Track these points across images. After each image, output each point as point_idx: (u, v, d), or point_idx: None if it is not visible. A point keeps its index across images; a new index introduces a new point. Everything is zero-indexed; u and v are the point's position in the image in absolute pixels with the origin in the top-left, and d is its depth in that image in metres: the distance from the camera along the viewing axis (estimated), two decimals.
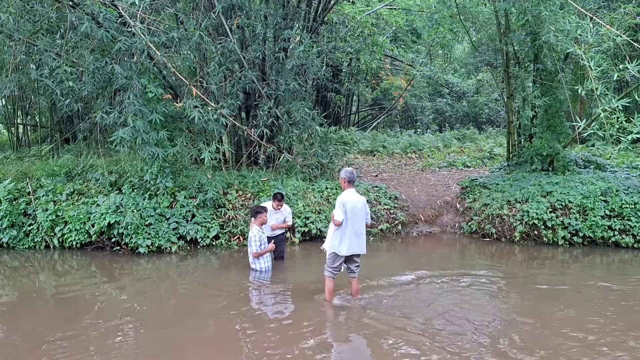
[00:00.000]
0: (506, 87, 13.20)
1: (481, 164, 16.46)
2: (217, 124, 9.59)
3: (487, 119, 26.57)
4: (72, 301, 7.27)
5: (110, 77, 9.66)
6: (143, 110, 9.27)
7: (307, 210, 10.70)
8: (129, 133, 9.16)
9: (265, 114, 11.30)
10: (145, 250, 9.53)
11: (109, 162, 11.58)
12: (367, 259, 9.40)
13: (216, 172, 11.14)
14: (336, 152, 13.38)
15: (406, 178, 14.01)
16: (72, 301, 7.27)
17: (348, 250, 6.72)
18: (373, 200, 11.59)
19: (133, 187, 10.40)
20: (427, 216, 11.88)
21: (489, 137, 21.91)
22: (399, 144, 19.70)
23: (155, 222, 9.81)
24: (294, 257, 9.55)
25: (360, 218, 6.73)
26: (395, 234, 11.34)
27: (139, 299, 7.32)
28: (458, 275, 8.17)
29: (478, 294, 7.30)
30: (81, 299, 7.30)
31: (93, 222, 9.88)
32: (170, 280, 8.25)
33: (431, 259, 9.58)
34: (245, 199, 10.78)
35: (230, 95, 10.97)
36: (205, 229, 10.09)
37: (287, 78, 11.63)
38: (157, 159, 9.81)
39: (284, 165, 12.05)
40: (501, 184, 11.79)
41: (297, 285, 7.67)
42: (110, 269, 8.98)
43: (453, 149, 19.31)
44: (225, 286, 7.84)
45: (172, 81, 11.19)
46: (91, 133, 13.45)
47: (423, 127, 26.13)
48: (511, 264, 9.25)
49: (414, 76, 23.57)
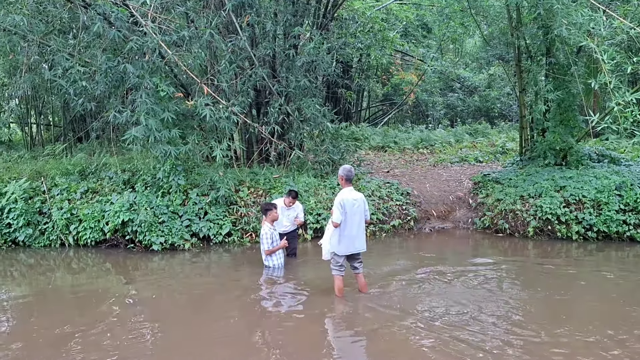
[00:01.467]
0: (518, 81, 13.12)
1: (493, 159, 16.38)
2: (228, 121, 9.63)
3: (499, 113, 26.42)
4: (87, 298, 7.37)
5: (123, 77, 9.73)
6: (155, 108, 9.34)
7: (319, 207, 10.73)
8: (142, 131, 9.24)
9: (276, 111, 11.33)
10: (159, 247, 9.61)
11: (122, 161, 11.67)
12: (378, 255, 9.43)
13: (228, 169, 11.19)
14: (347, 149, 13.38)
15: (418, 174, 13.99)
16: (87, 298, 7.36)
17: (347, 250, 6.74)
18: (385, 196, 11.59)
19: (146, 185, 10.48)
20: (440, 212, 11.86)
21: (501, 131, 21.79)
22: (410, 140, 19.64)
23: (168, 220, 9.89)
24: (306, 253, 9.59)
25: (360, 216, 6.74)
26: (407, 230, 11.33)
27: (152, 295, 7.40)
28: (471, 271, 8.17)
29: (491, 288, 7.29)
30: (96, 296, 7.39)
31: (107, 220, 9.98)
32: (183, 277, 8.32)
33: (443, 254, 9.57)
34: (257, 196, 10.83)
35: (241, 92, 11.01)
36: (217, 226, 10.15)
37: (297, 75, 11.64)
38: (169, 157, 9.89)
39: (295, 162, 12.07)
40: (514, 179, 11.74)
41: (309, 282, 7.71)
42: (124, 266, 9.07)
43: (465, 144, 19.23)
44: (238, 283, 7.90)
45: (184, 79, 11.26)
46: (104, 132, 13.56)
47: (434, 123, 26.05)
48: (525, 258, 9.22)
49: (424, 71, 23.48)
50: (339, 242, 6.71)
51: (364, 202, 6.85)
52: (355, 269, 6.98)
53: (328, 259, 6.98)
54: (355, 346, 5.69)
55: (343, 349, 5.60)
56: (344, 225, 6.66)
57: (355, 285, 7.15)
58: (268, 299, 7.20)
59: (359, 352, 5.59)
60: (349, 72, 20.96)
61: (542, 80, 12.15)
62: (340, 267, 6.83)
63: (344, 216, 6.61)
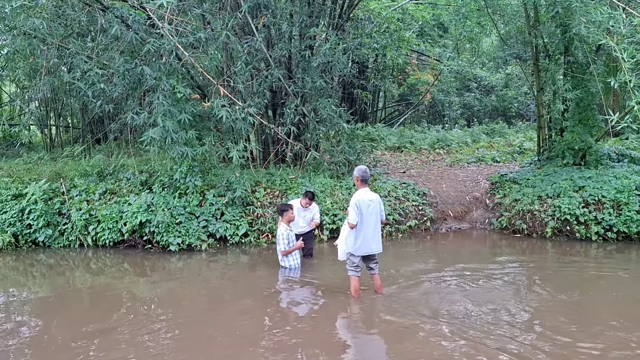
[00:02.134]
0: (536, 80, 13.00)
1: (511, 159, 16.25)
2: (245, 122, 9.66)
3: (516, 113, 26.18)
4: (105, 298, 7.45)
5: (140, 78, 9.81)
6: (172, 110, 9.41)
7: (335, 208, 10.72)
8: (159, 133, 9.31)
9: (292, 112, 11.35)
10: (176, 248, 9.68)
11: (140, 162, 11.77)
12: (394, 256, 9.39)
13: (244, 170, 11.23)
14: (363, 149, 13.35)
15: (434, 174, 13.93)
16: (106, 298, 7.44)
17: (363, 251, 6.74)
18: (401, 196, 11.56)
19: (163, 186, 10.56)
20: (456, 212, 11.80)
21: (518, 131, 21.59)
22: (426, 140, 19.55)
23: (185, 221, 9.95)
24: (322, 254, 9.59)
25: (375, 217, 6.73)
26: (423, 231, 11.29)
27: (170, 295, 7.46)
28: (488, 271, 8.11)
29: (508, 289, 7.24)
30: (114, 296, 7.47)
31: (125, 221, 10.08)
32: (200, 277, 8.37)
33: (460, 255, 9.52)
34: (273, 197, 10.86)
35: (257, 94, 11.04)
36: (234, 227, 10.19)
37: (313, 76, 11.65)
38: (186, 158, 9.95)
39: (311, 163, 12.08)
40: (532, 179, 11.64)
41: (326, 283, 7.72)
42: (142, 267, 9.15)
43: (482, 144, 19.10)
44: (254, 283, 7.93)
45: (200, 81, 11.32)
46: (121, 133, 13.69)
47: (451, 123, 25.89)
48: (544, 259, 9.13)
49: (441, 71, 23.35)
50: (355, 243, 6.71)
51: (379, 203, 6.84)
52: (371, 270, 6.98)
53: (344, 260, 6.98)
54: (373, 347, 5.68)
55: (360, 350, 5.60)
56: (359, 226, 6.65)
57: (371, 285, 7.14)
58: (285, 300, 7.21)
59: (377, 353, 5.57)
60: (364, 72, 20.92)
61: (560, 79, 12.02)
62: (357, 268, 6.82)
63: (360, 217, 6.61)
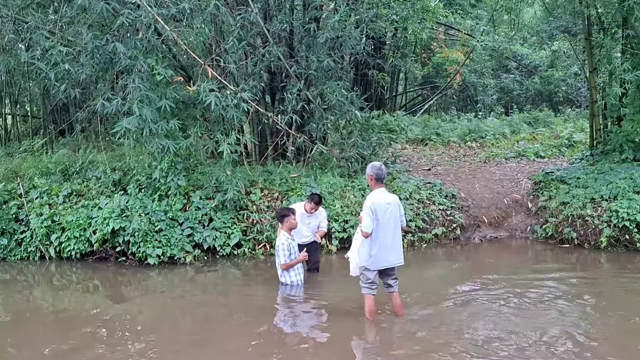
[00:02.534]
0: (588, 58, 12.91)
1: (558, 153, 16.17)
2: (237, 110, 9.65)
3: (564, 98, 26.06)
4: (71, 321, 7.45)
5: (112, 58, 9.81)
6: (150, 95, 9.41)
7: (346, 212, 10.70)
8: (134, 123, 9.31)
9: (294, 98, 11.33)
10: (156, 261, 9.69)
11: (112, 158, 11.79)
12: (417, 271, 9.36)
13: (237, 167, 11.22)
14: (380, 142, 13.32)
15: (465, 172, 13.88)
16: (72, 321, 7.45)
17: (379, 264, 6.70)
18: (425, 199, 11.53)
19: (140, 186, 10.57)
20: (492, 218, 11.75)
21: (567, 120, 21.49)
22: (456, 131, 19.48)
23: (166, 228, 9.96)
24: (330, 268, 9.57)
25: (394, 223, 6.70)
26: (452, 240, 11.25)
27: (147, 318, 7.46)
28: (529, 289, 8.06)
29: (555, 311, 7.19)
30: (82, 319, 7.47)
31: (94, 229, 10.08)
32: (184, 296, 8.37)
33: (496, 269, 9.46)
34: (271, 200, 10.85)
35: (253, 76, 11.04)
36: (225, 236, 10.19)
37: (319, 54, 11.62)
38: (167, 153, 9.95)
39: (317, 159, 12.06)
40: (583, 177, 11.57)
41: (334, 303, 7.69)
42: (115, 283, 9.16)
43: (523, 135, 19.02)
44: (249, 304, 7.92)
45: (184, 61, 11.34)
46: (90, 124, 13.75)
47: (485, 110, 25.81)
48: (597, 274, 9.08)
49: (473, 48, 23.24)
50: (369, 255, 6.68)
51: (399, 206, 6.81)
52: (389, 287, 6.95)
53: (357, 275, 6.95)
54: None
55: None
56: (375, 235, 6.62)
57: (389, 306, 7.12)
58: (285, 323, 7.20)
59: None
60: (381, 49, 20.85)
61: (618, 57, 11.95)
62: (372, 285, 6.80)
63: (376, 223, 6.58)
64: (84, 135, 13.96)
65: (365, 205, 6.64)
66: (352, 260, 6.94)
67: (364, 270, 6.78)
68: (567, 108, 24.58)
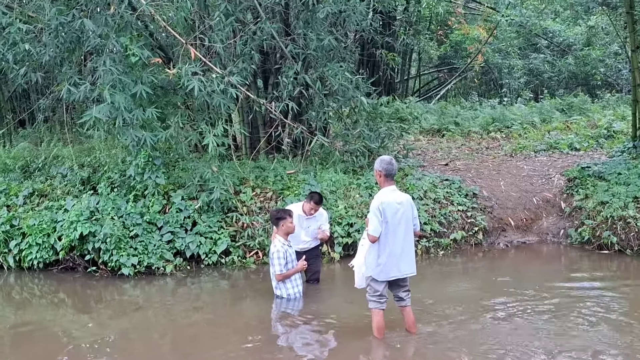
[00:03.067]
0: (630, 35, 12.90)
1: (595, 145, 16.16)
2: (225, 96, 9.64)
3: (603, 81, 26.05)
4: (33, 341, 7.43)
5: (79, 37, 9.80)
6: (124, 80, 9.39)
7: (350, 214, 10.70)
8: (106, 112, 9.30)
9: (290, 82, 11.31)
10: (131, 271, 9.67)
11: (80, 152, 11.77)
12: (433, 282, 9.35)
13: (224, 163, 11.22)
14: (389, 133, 13.30)
15: (488, 167, 13.88)
16: (33, 341, 7.43)
17: (389, 274, 6.68)
18: (442, 198, 11.52)
19: (112, 185, 10.57)
20: (519, 220, 11.75)
21: (606, 107, 21.47)
22: (477, 120, 19.46)
23: (143, 233, 9.95)
24: (332, 279, 9.57)
25: (406, 226, 6.68)
26: (474, 246, 11.25)
27: (121, 338, 7.45)
28: (563, 302, 8.06)
29: (593, 328, 7.19)
30: (45, 338, 7.46)
31: (60, 234, 10.08)
32: (164, 312, 8.37)
33: (525, 279, 9.46)
34: (264, 200, 10.84)
35: (242, 57, 11.02)
36: (210, 242, 10.19)
37: (319, 31, 11.60)
38: (143, 147, 9.94)
39: (317, 152, 12.05)
40: (625, 173, 11.57)
41: (337, 319, 7.69)
42: (83, 297, 9.15)
43: (555, 125, 19.00)
44: (239, 320, 7.92)
45: (163, 40, 11.32)
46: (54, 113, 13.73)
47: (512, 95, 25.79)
48: None
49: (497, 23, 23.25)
50: (377, 264, 6.67)
51: (412, 207, 6.80)
52: (400, 300, 6.94)
53: (363, 287, 6.95)
54: None
55: None
56: (384, 240, 6.62)
57: (400, 322, 7.12)
58: (281, 342, 7.20)
59: None
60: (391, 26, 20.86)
61: None
62: (380, 298, 6.79)
63: (385, 226, 6.58)
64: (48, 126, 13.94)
65: (373, 206, 6.63)
66: (357, 269, 6.94)
67: (371, 282, 6.77)
68: (605, 93, 24.55)
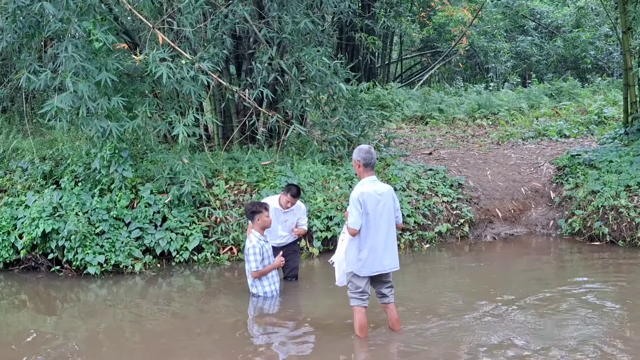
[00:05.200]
0: (621, 16, 12.99)
1: (586, 131, 16.29)
2: (195, 83, 9.60)
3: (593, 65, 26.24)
4: None
5: (39, 21, 9.71)
6: (87, 67, 9.32)
7: (330, 207, 10.70)
8: (68, 101, 9.23)
9: (264, 68, 11.29)
10: (97, 270, 9.61)
11: (41, 144, 11.68)
12: (417, 277, 9.39)
13: (195, 154, 11.19)
14: (370, 121, 13.33)
15: (474, 156, 13.94)
16: None
17: (371, 270, 6.70)
18: (426, 189, 11.56)
19: (76, 179, 10.49)
20: (507, 211, 11.81)
21: (596, 91, 21.66)
22: (462, 106, 19.55)
23: (109, 230, 9.90)
24: (311, 275, 9.58)
25: (388, 218, 6.70)
26: (459, 239, 11.31)
27: (88, 341, 7.41)
28: (552, 297, 8.13)
29: (582, 324, 7.25)
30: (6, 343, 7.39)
31: (21, 232, 10.00)
32: (133, 313, 8.33)
33: (513, 273, 9.55)
34: (238, 193, 10.83)
35: (213, 41, 10.97)
36: (182, 238, 10.16)
37: (295, 13, 11.58)
38: (109, 138, 9.88)
39: (293, 142, 12.04)
40: (616, 160, 11.67)
41: (317, 317, 7.71)
42: (47, 299, 9.09)
43: (543, 110, 19.14)
44: (213, 320, 7.91)
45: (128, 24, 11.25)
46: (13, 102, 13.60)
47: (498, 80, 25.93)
48: (633, 279, 9.16)
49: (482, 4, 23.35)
50: (358, 258, 6.68)
51: (393, 199, 6.81)
52: (383, 297, 6.96)
53: (344, 285, 6.97)
54: None
55: None
56: (365, 233, 6.63)
57: (384, 320, 7.15)
58: (257, 343, 7.20)
59: None
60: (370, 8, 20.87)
61: None
62: (362, 295, 6.81)
63: (365, 219, 6.59)
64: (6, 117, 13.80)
65: (352, 197, 6.63)
66: (337, 266, 6.94)
67: (353, 278, 6.78)
68: (596, 77, 24.76)
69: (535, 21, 27.14)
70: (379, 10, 21.87)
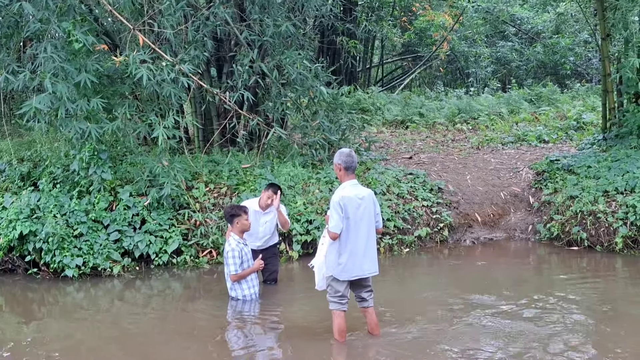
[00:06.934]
0: (600, 23, 13.09)
1: (565, 137, 16.41)
2: (176, 86, 9.58)
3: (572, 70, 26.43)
4: None
5: (18, 21, 9.65)
6: (66, 68, 9.27)
7: (310, 211, 10.71)
8: (47, 102, 9.17)
9: (245, 71, 11.28)
10: (75, 272, 9.56)
11: (19, 146, 11.61)
12: (397, 281, 9.40)
13: (175, 156, 11.16)
14: (351, 125, 13.35)
15: (454, 161, 13.99)
16: None
17: (351, 274, 6.69)
18: (406, 193, 11.58)
19: (54, 181, 10.43)
20: (486, 216, 11.86)
21: (575, 97, 21.82)
22: (442, 111, 19.63)
23: (88, 232, 9.85)
24: (291, 279, 9.57)
25: (368, 222, 6.71)
26: (439, 243, 11.34)
27: (66, 345, 7.37)
28: (529, 303, 8.15)
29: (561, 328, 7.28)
30: None
31: None
32: (111, 316, 8.29)
33: (492, 278, 9.58)
34: (218, 196, 10.81)
35: (194, 43, 10.95)
36: (161, 241, 10.13)
37: (276, 16, 11.58)
38: (88, 140, 9.83)
39: (274, 145, 12.03)
40: (595, 166, 11.74)
41: (296, 321, 7.71)
42: (23, 301, 9.03)
43: (523, 116, 19.26)
44: (191, 323, 7.88)
45: (109, 25, 11.19)
46: None
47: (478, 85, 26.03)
48: (611, 282, 9.21)
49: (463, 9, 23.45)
50: (338, 263, 6.68)
51: (374, 203, 6.81)
52: (362, 301, 6.96)
53: (324, 289, 6.96)
54: None
55: None
56: (345, 237, 6.62)
57: (363, 324, 7.15)
58: (236, 346, 7.20)
59: None
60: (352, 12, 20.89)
61: (636, 21, 12.10)
62: (342, 299, 6.80)
63: (346, 223, 6.58)
64: None
65: (333, 201, 6.63)
66: (317, 270, 6.93)
67: (332, 281, 6.77)
68: (575, 83, 24.94)
69: (515, 27, 27.32)
70: (360, 14, 21.92)
